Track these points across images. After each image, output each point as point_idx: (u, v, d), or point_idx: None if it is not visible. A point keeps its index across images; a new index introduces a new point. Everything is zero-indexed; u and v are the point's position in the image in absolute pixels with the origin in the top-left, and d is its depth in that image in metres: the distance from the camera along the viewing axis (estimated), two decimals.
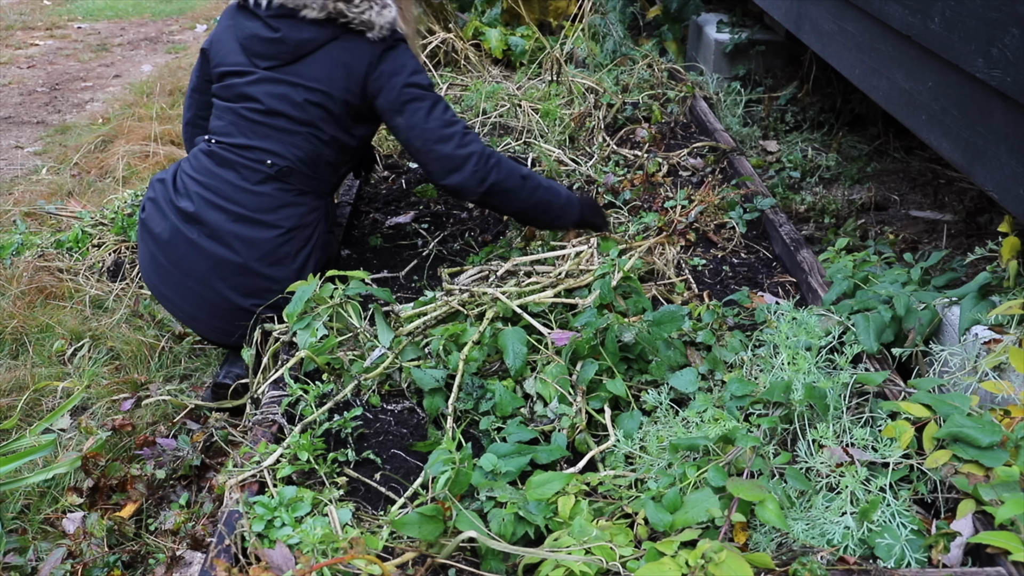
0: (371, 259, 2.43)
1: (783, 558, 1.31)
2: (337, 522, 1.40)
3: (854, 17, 2.51)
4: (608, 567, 1.26)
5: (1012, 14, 1.66)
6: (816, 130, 3.59)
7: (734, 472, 1.43)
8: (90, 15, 7.02)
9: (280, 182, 2.07)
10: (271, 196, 2.06)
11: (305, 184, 2.10)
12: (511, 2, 4.35)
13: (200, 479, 1.93)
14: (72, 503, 1.80)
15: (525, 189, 2.13)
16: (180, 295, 2.10)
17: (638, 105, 3.35)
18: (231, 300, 2.06)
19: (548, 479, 1.43)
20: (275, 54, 2.04)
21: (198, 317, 2.13)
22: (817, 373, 1.64)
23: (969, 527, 1.35)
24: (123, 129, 4.08)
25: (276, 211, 2.07)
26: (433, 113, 2.08)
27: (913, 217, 2.88)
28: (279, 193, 2.07)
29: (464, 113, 3.42)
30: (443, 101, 2.12)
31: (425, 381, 1.74)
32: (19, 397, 2.18)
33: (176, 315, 2.21)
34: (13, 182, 3.60)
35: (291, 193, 2.09)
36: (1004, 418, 1.49)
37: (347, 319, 1.91)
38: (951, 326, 1.78)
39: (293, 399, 1.72)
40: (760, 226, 2.53)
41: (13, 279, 2.67)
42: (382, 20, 2.05)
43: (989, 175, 1.82)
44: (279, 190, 2.07)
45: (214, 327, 2.14)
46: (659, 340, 1.79)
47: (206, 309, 2.09)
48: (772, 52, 3.88)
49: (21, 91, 5.03)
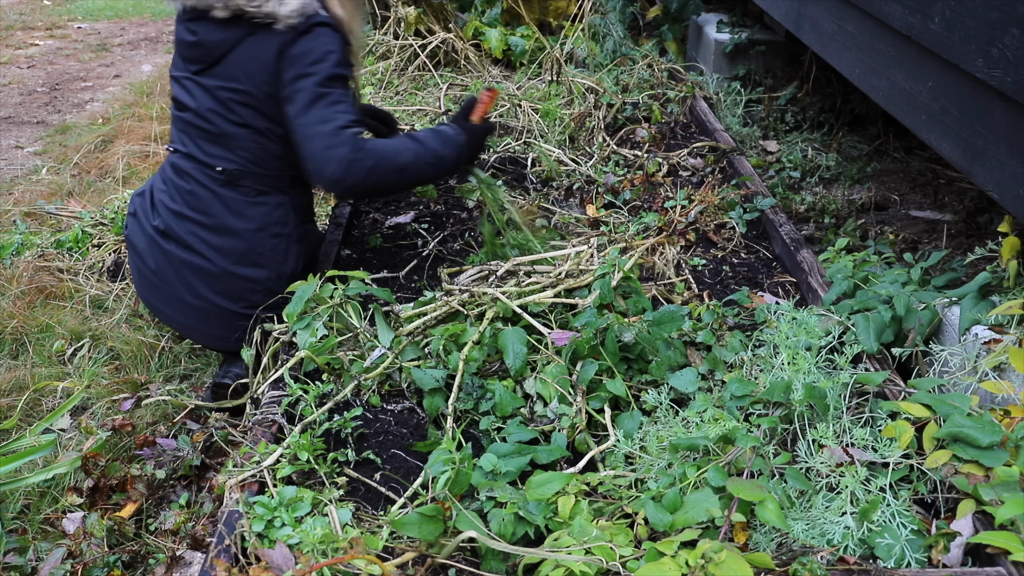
0: (371, 259, 2.43)
1: (783, 558, 1.31)
2: (337, 522, 1.40)
3: (854, 17, 2.51)
4: (608, 567, 1.26)
5: (1012, 14, 1.66)
6: (816, 130, 3.59)
7: (734, 472, 1.43)
8: (90, 15, 7.02)
9: (235, 186, 2.05)
10: (232, 200, 2.05)
11: (261, 183, 2.08)
12: (511, 2, 4.35)
13: (200, 479, 1.93)
14: (72, 503, 1.80)
15: (405, 177, 2.03)
16: (170, 307, 2.13)
17: (638, 105, 3.35)
18: (219, 305, 2.08)
19: (548, 479, 1.43)
20: (198, 58, 2.02)
21: (192, 326, 2.15)
22: (817, 373, 1.64)
23: (969, 527, 1.35)
24: (123, 129, 4.08)
25: (239, 215, 2.06)
26: (313, 108, 1.94)
27: (913, 217, 2.88)
28: (238, 196, 2.05)
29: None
30: (331, 95, 1.96)
31: (425, 381, 1.74)
32: (19, 397, 2.18)
33: (172, 327, 2.24)
34: (13, 182, 3.60)
35: (250, 194, 2.07)
36: (1004, 418, 1.49)
37: (347, 319, 1.91)
38: (951, 326, 1.78)
39: (293, 399, 1.72)
40: (760, 226, 2.53)
41: (13, 279, 2.67)
42: (285, 10, 1.94)
43: (989, 175, 1.82)
44: (237, 193, 2.05)
45: (209, 335, 2.15)
46: (659, 340, 1.79)
47: (198, 318, 2.11)
48: (772, 52, 3.88)
49: (21, 91, 5.03)
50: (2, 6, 7.22)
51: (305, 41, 1.96)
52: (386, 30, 4.02)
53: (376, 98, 3.56)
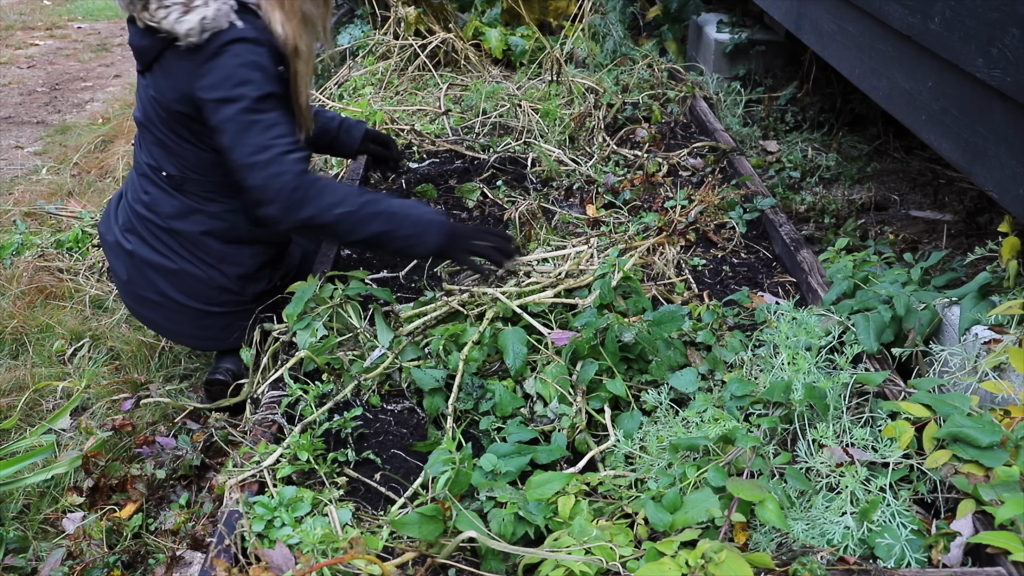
0: (371, 259, 2.43)
1: (783, 558, 1.31)
2: (337, 522, 1.40)
3: (854, 17, 2.51)
4: (608, 567, 1.26)
5: (1012, 14, 1.66)
6: (816, 130, 3.59)
7: (734, 472, 1.43)
8: (90, 15, 7.02)
9: (180, 190, 2.01)
10: (179, 202, 2.01)
11: (204, 189, 2.01)
12: (511, 2, 4.35)
13: (200, 479, 1.93)
14: (72, 503, 1.80)
15: (353, 220, 1.83)
16: (140, 305, 2.12)
17: (638, 105, 3.35)
18: (180, 303, 2.07)
19: (548, 479, 1.43)
20: (137, 59, 1.94)
21: (160, 324, 2.15)
22: (817, 373, 1.64)
23: (969, 527, 1.35)
24: (123, 129, 4.09)
25: (185, 218, 2.02)
26: (243, 136, 1.78)
27: (913, 217, 2.88)
28: (185, 199, 2.01)
29: (464, 113, 3.42)
30: (261, 121, 1.79)
31: (425, 381, 1.74)
32: (19, 397, 2.18)
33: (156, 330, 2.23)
34: (13, 182, 3.60)
35: (196, 199, 2.01)
36: (1004, 418, 1.49)
37: (347, 319, 1.91)
38: (951, 326, 1.78)
39: (293, 399, 1.72)
40: (760, 226, 2.53)
41: (13, 279, 2.67)
42: (183, 27, 1.76)
43: (989, 175, 1.82)
44: (184, 197, 2.01)
45: (178, 332, 2.15)
46: (659, 340, 1.79)
47: (163, 315, 2.10)
48: (772, 52, 3.88)
49: (21, 91, 5.03)
50: (2, 6, 7.22)
51: (219, 64, 1.78)
52: (386, 30, 4.02)
53: (376, 98, 3.56)
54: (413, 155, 3.06)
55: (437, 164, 2.98)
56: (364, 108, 3.26)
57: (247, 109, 1.78)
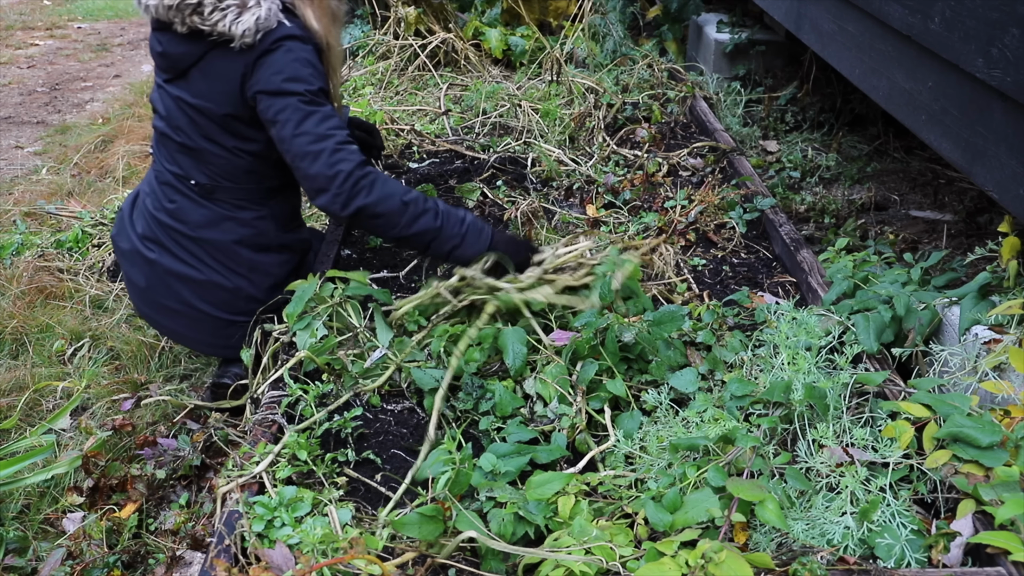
0: (371, 259, 2.43)
1: (783, 558, 1.31)
2: (337, 522, 1.40)
3: (854, 17, 2.51)
4: (608, 567, 1.26)
5: (1012, 14, 1.66)
6: (816, 130, 3.59)
7: (734, 472, 1.43)
8: (90, 15, 7.02)
9: (209, 199, 2.01)
10: (209, 210, 2.02)
11: (235, 197, 2.03)
12: (511, 2, 4.35)
13: (200, 479, 1.93)
14: (72, 503, 1.80)
15: (406, 215, 1.88)
16: (159, 313, 2.12)
17: (638, 105, 3.35)
18: (205, 312, 2.07)
19: (548, 479, 1.43)
20: (166, 67, 1.96)
21: (182, 332, 2.14)
22: (817, 373, 1.64)
23: (969, 527, 1.35)
24: (123, 129, 4.09)
25: (216, 227, 2.03)
26: (302, 126, 1.83)
27: (913, 217, 2.88)
28: (215, 208, 2.02)
29: (464, 113, 3.42)
30: (319, 112, 1.85)
31: (425, 381, 1.74)
32: (19, 397, 2.18)
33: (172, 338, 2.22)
34: (13, 182, 3.60)
35: (226, 207, 2.02)
36: (1004, 418, 1.49)
37: (347, 319, 1.90)
38: (951, 326, 1.78)
39: (293, 399, 1.72)
40: (760, 226, 2.53)
41: (13, 279, 2.67)
42: (240, 28, 1.81)
43: (989, 175, 1.82)
44: (215, 205, 2.02)
45: (199, 340, 2.15)
46: (659, 340, 1.79)
47: (185, 324, 2.10)
48: (772, 52, 3.88)
49: (21, 91, 5.03)
50: (2, 6, 7.22)
51: (273, 60, 1.85)
52: (386, 30, 4.02)
53: (376, 98, 3.56)
54: (413, 155, 3.06)
55: (437, 164, 2.98)
56: (364, 108, 3.26)
57: (305, 101, 1.85)
